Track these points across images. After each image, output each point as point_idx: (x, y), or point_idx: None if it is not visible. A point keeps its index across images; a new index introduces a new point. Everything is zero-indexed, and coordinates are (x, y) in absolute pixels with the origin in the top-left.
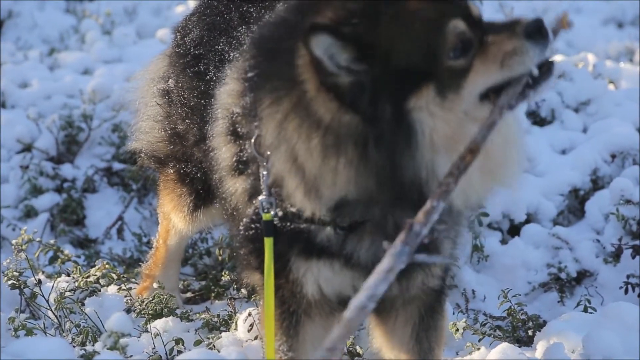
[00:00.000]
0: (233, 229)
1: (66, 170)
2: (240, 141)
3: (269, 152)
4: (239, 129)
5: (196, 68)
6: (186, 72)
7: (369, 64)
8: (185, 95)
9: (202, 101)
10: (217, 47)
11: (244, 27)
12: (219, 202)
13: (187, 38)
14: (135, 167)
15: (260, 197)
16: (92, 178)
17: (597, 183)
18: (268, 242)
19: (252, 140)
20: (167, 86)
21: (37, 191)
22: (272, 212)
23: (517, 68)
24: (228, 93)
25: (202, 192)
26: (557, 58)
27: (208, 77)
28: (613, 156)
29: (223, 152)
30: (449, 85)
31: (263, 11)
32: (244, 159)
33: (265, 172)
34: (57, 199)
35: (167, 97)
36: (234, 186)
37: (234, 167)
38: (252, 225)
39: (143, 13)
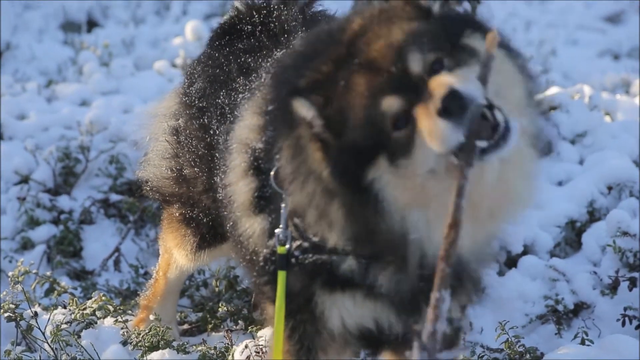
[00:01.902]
0: (251, 274)
1: (63, 201)
2: (262, 177)
3: (289, 184)
4: (261, 165)
5: (201, 120)
6: (193, 123)
7: (332, 132)
8: (194, 144)
9: (209, 152)
10: (217, 100)
11: (242, 78)
12: (233, 246)
13: (192, 88)
14: (132, 199)
15: (277, 230)
16: (89, 209)
17: (594, 215)
18: (281, 275)
19: (272, 173)
20: (177, 125)
21: (34, 223)
22: (287, 246)
23: (441, 145)
24: (249, 128)
25: (208, 236)
26: (553, 90)
27: (212, 130)
28: (610, 188)
29: (240, 187)
30: (400, 154)
31: (261, 60)
32: (266, 195)
33: (284, 205)
34: (54, 231)
35: (176, 137)
36: (252, 227)
37: (254, 203)
38: (272, 258)
39: (141, 45)
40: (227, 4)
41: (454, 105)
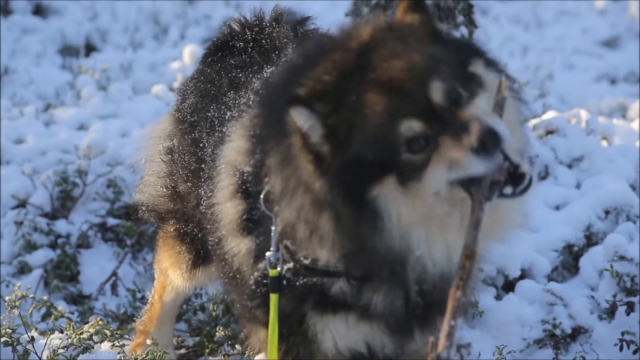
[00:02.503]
0: (233, 291)
1: (60, 226)
2: (251, 200)
3: (278, 202)
4: (249, 188)
5: (193, 135)
6: (185, 138)
7: (333, 143)
8: (186, 159)
9: (201, 166)
10: (208, 114)
11: (232, 93)
12: (216, 263)
13: (185, 104)
14: (130, 223)
15: (268, 253)
16: (87, 234)
17: (591, 239)
18: (273, 298)
19: (262, 196)
20: (172, 145)
21: (31, 247)
22: (279, 268)
23: (462, 174)
24: (236, 150)
25: (202, 252)
26: (550, 114)
27: (202, 144)
28: (607, 212)
29: (227, 208)
30: (410, 176)
31: (251, 76)
32: (254, 218)
33: (273, 228)
34: (51, 255)
35: (170, 156)
36: (238, 246)
37: (241, 225)
38: (263, 281)
39: (139, 69)
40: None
41: (489, 143)
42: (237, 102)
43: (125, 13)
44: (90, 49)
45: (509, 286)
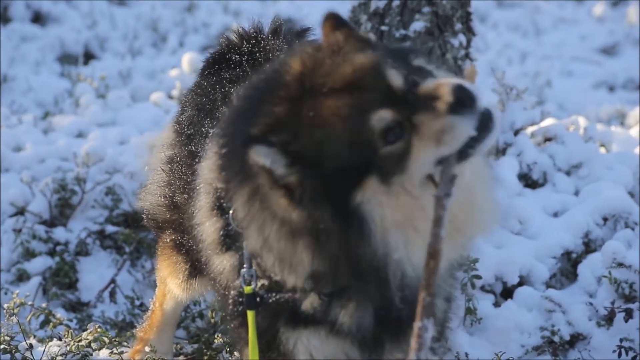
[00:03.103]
0: (226, 308)
1: (59, 233)
2: (226, 216)
3: (244, 227)
4: (223, 204)
5: (189, 147)
6: (183, 149)
7: (301, 168)
8: (183, 171)
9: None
10: (203, 128)
11: (225, 107)
12: (209, 281)
13: (183, 116)
14: (128, 230)
15: (242, 270)
16: (85, 241)
17: (590, 246)
18: (250, 315)
19: (231, 213)
20: (173, 154)
21: (29, 254)
22: (253, 285)
23: (454, 143)
24: (209, 168)
25: (198, 263)
26: (549, 121)
27: (198, 157)
28: (605, 219)
29: (207, 227)
30: (392, 170)
31: None
32: (231, 233)
33: (244, 244)
34: (50, 263)
35: (170, 165)
36: (222, 264)
37: (221, 242)
38: (240, 300)
39: (137, 77)
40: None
41: (465, 96)
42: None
43: (124, 21)
44: (89, 56)
45: (507, 293)
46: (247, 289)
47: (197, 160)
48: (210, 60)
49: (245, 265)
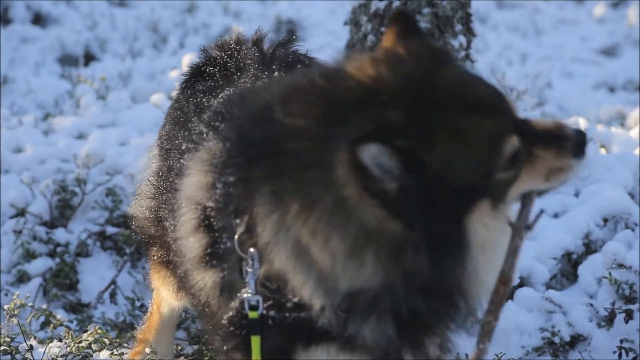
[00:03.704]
0: (205, 324)
1: (59, 234)
2: (215, 234)
3: (267, 249)
4: (213, 223)
5: (167, 162)
6: (163, 164)
7: (418, 177)
8: (164, 185)
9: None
10: (177, 141)
11: (195, 118)
12: (187, 295)
13: (163, 130)
14: (129, 231)
15: (245, 295)
16: (86, 242)
17: (590, 247)
18: (255, 341)
19: (236, 237)
20: (158, 167)
21: (30, 256)
22: (260, 311)
23: (560, 182)
24: (196, 186)
25: (184, 277)
26: None
27: (174, 172)
28: (605, 220)
29: (191, 243)
30: (499, 196)
31: (213, 101)
32: (220, 252)
33: (250, 270)
34: (50, 264)
35: (156, 178)
36: (203, 280)
37: (205, 259)
38: (239, 322)
39: (138, 78)
40: (224, 37)
41: (585, 143)
42: (196, 130)
43: (124, 22)
44: (89, 58)
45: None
46: (253, 314)
47: (173, 175)
48: (188, 74)
49: (249, 290)
